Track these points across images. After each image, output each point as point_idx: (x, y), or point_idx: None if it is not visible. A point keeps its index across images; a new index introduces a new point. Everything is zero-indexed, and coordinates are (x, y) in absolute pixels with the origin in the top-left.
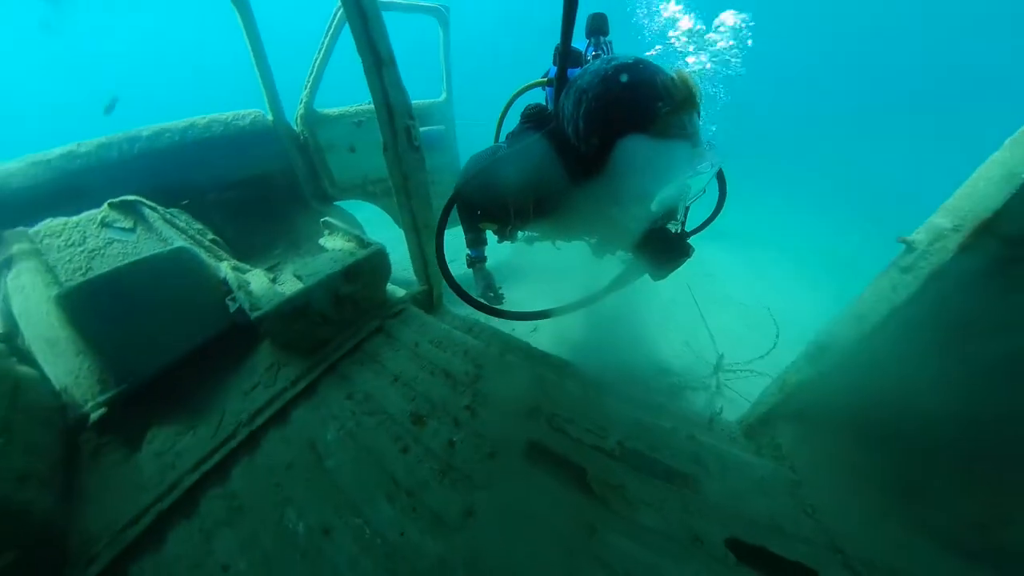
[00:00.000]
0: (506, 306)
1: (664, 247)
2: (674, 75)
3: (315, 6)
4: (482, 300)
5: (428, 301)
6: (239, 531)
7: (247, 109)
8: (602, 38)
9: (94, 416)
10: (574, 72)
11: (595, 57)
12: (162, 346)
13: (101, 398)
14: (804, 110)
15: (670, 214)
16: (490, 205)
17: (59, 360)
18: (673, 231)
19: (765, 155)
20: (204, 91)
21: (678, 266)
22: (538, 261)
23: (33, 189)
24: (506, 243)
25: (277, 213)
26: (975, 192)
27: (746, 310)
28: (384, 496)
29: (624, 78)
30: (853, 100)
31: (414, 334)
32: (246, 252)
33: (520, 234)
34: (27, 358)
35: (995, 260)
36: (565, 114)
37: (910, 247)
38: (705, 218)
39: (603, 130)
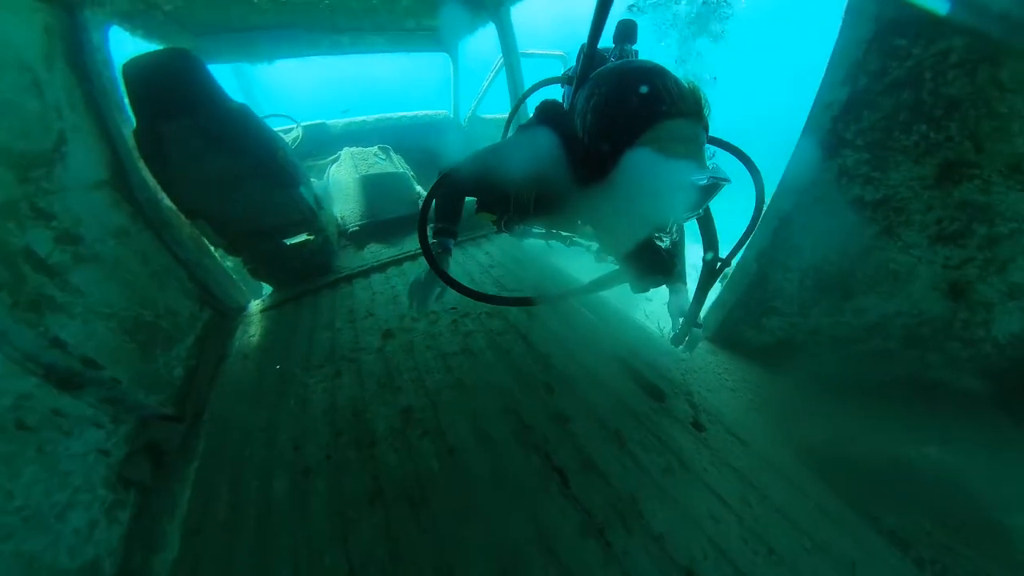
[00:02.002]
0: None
1: (651, 262)
2: (686, 85)
3: (483, 59)
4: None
5: None
6: (403, 279)
7: (441, 109)
8: (628, 46)
9: (351, 230)
10: None
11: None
12: (388, 209)
13: (358, 223)
14: None
15: (661, 228)
16: (488, 191)
17: (346, 203)
18: (663, 250)
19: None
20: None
21: (659, 284)
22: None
23: (345, 135)
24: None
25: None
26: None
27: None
28: (467, 280)
29: (635, 78)
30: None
31: (501, 240)
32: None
33: (517, 228)
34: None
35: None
36: (577, 107)
37: None
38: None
39: (607, 130)
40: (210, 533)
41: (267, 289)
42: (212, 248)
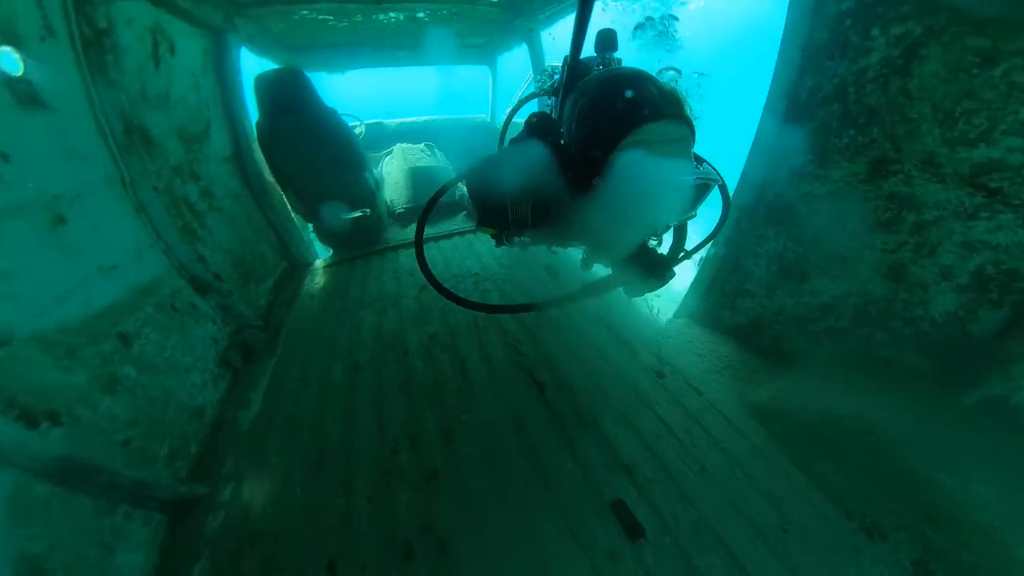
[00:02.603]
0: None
1: (647, 267)
2: (668, 88)
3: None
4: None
5: None
6: (440, 253)
7: (480, 114)
8: (609, 54)
9: (398, 211)
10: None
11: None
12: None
13: (405, 206)
14: None
15: (653, 230)
16: (485, 205)
17: (395, 189)
18: (658, 254)
19: None
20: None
21: (653, 289)
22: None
23: (398, 132)
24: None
25: None
26: None
27: None
28: (490, 255)
29: (617, 84)
30: None
31: None
32: None
33: (517, 239)
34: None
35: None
36: (564, 117)
37: None
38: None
39: (592, 136)
40: (283, 399)
41: (323, 252)
42: (293, 214)
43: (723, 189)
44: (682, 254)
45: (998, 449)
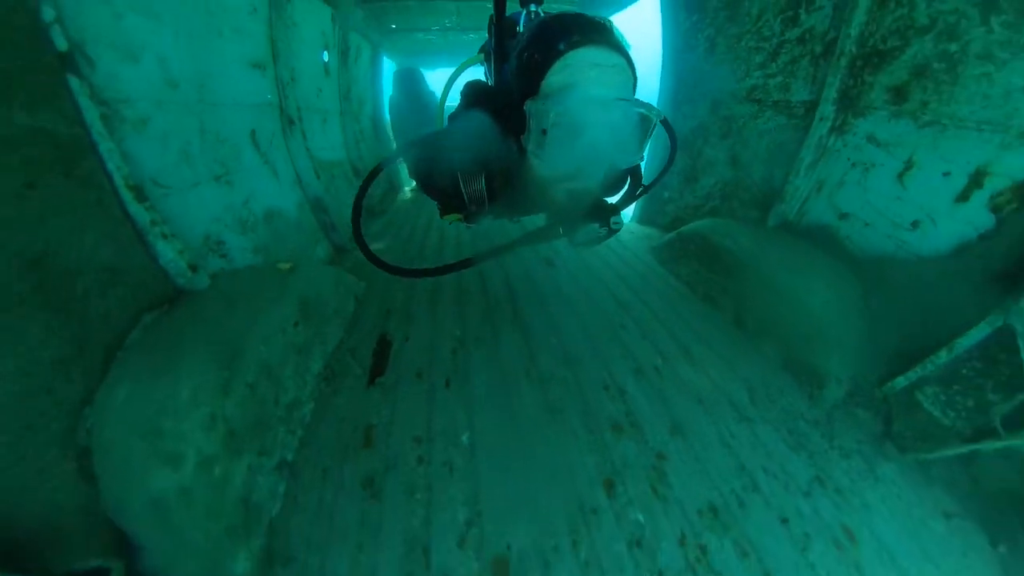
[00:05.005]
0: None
1: (587, 214)
2: (599, 19)
3: None
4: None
5: None
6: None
7: None
8: (534, 6)
9: None
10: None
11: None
12: None
13: None
14: None
15: (592, 172)
16: (437, 187)
17: None
18: (605, 202)
19: None
20: None
21: (601, 239)
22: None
23: None
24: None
25: None
26: None
27: None
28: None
29: (551, 20)
30: None
31: None
32: None
33: (481, 218)
34: None
35: None
36: (503, 78)
37: None
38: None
39: (526, 77)
40: (392, 227)
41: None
42: None
43: (669, 130)
44: (640, 189)
45: (778, 240)
